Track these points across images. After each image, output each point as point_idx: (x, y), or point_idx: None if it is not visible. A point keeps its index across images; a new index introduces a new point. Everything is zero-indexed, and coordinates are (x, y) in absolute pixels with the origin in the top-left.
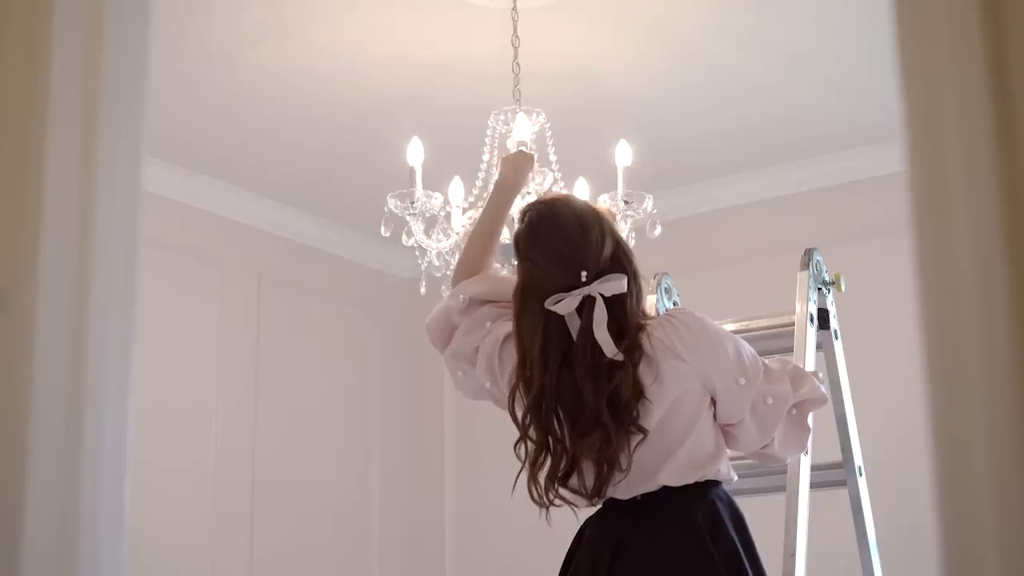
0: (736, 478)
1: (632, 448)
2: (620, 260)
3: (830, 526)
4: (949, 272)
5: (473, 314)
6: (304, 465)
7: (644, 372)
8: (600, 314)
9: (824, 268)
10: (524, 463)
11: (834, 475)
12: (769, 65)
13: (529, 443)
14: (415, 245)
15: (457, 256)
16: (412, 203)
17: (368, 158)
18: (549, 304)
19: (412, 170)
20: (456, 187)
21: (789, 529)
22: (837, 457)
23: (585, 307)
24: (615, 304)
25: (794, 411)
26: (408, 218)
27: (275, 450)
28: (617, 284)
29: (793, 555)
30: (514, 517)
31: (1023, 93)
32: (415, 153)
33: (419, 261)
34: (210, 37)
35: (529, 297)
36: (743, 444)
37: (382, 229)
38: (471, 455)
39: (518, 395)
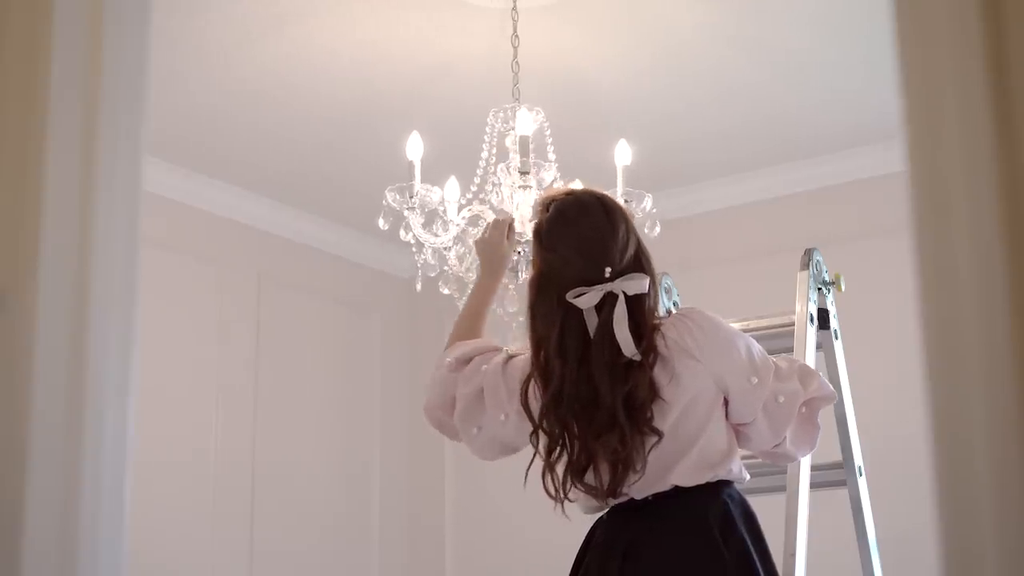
0: (748, 477)
1: (647, 450)
2: (641, 261)
3: (830, 526)
4: (949, 270)
5: (464, 370)
6: (304, 465)
7: (659, 373)
8: (621, 312)
9: (824, 268)
10: (536, 453)
11: (834, 475)
12: (770, 64)
13: (543, 435)
14: (412, 240)
15: (454, 252)
16: (411, 197)
17: (368, 157)
18: (570, 296)
19: (411, 164)
20: (452, 186)
21: (789, 529)
22: (837, 457)
23: (605, 304)
24: (634, 304)
25: (804, 409)
26: (406, 212)
27: (275, 450)
28: (639, 284)
29: (793, 555)
30: (514, 517)
31: (1023, 90)
32: (414, 147)
33: (416, 258)
34: (209, 37)
35: (546, 287)
36: (756, 443)
37: (380, 222)
38: (471, 455)
39: (532, 386)
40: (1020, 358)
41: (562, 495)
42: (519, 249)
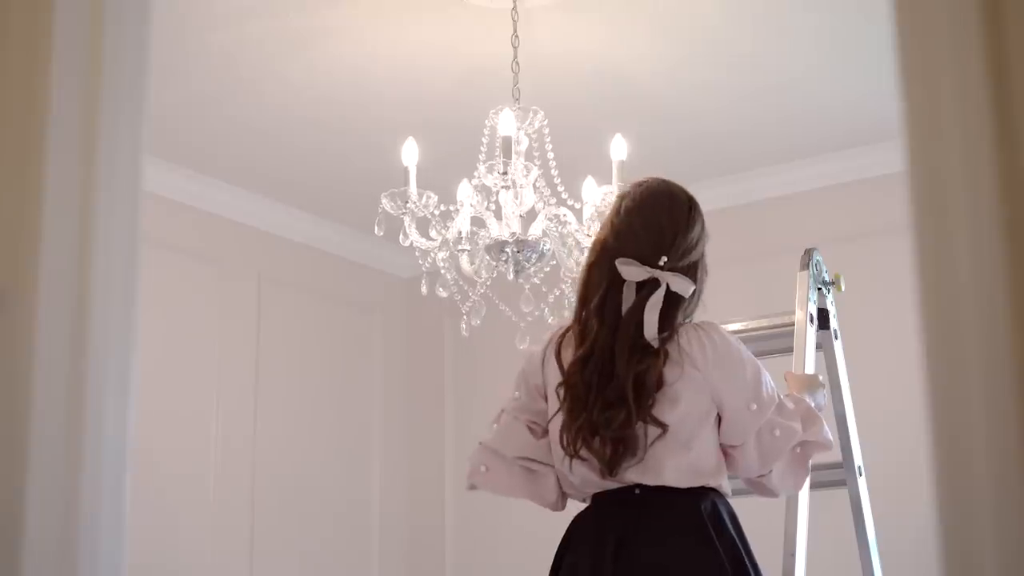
0: (731, 494)
1: (650, 440)
2: (696, 272)
3: (830, 526)
4: (949, 270)
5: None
6: (304, 465)
7: (669, 371)
8: (657, 298)
9: (824, 268)
10: (562, 407)
11: (834, 475)
12: (771, 63)
13: (569, 389)
14: (414, 244)
15: (463, 258)
16: (405, 203)
17: (368, 157)
18: (619, 263)
19: (406, 170)
20: (464, 188)
21: (789, 529)
22: (837, 457)
23: (646, 287)
24: (671, 301)
25: (798, 449)
26: (403, 218)
27: (275, 450)
28: (683, 286)
29: (793, 555)
30: (514, 517)
31: (1023, 90)
32: (409, 153)
33: (420, 261)
34: (211, 37)
35: (607, 253)
36: (742, 468)
37: (376, 229)
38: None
39: (568, 337)
40: (1020, 358)
41: (572, 451)
42: (507, 253)
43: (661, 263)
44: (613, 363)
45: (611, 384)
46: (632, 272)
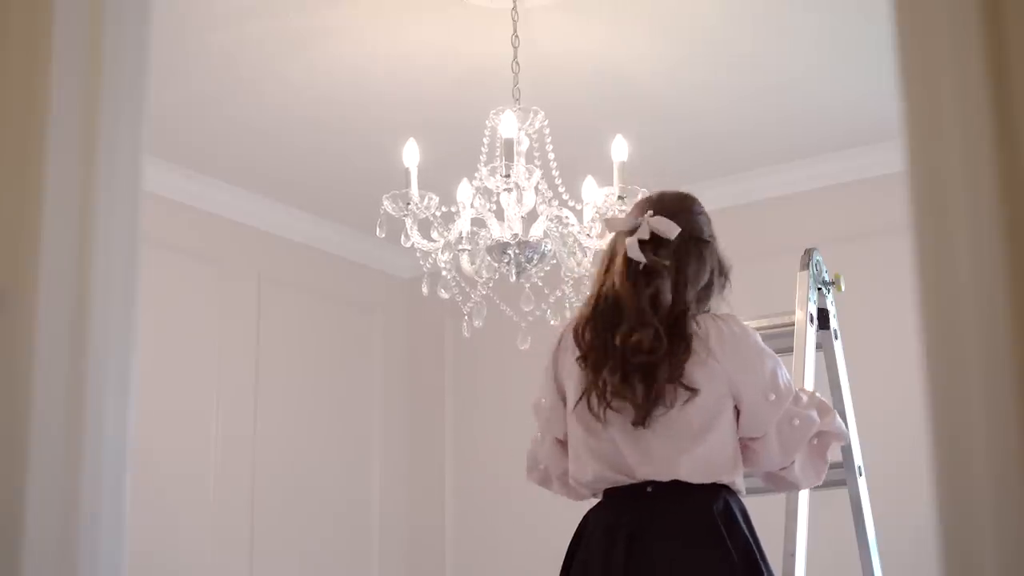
0: (744, 492)
1: (680, 401)
2: (702, 250)
3: (830, 526)
4: (949, 270)
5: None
6: (304, 465)
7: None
8: (643, 231)
9: (824, 268)
10: (585, 372)
11: (834, 475)
12: (771, 63)
13: (591, 356)
14: (415, 246)
15: (464, 258)
16: (407, 204)
17: (368, 158)
18: (607, 219)
19: (408, 171)
20: (464, 189)
21: (789, 529)
22: (837, 457)
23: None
24: (660, 243)
25: (815, 441)
26: (404, 219)
27: (275, 450)
28: (667, 227)
29: (793, 555)
30: (515, 516)
31: (1023, 90)
32: (410, 155)
33: (421, 262)
34: (211, 37)
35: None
36: (764, 461)
37: (377, 231)
38: (471, 455)
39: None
40: (1020, 358)
41: (605, 403)
42: (508, 254)
43: (649, 213)
44: (616, 299)
45: (625, 316)
46: (620, 223)
